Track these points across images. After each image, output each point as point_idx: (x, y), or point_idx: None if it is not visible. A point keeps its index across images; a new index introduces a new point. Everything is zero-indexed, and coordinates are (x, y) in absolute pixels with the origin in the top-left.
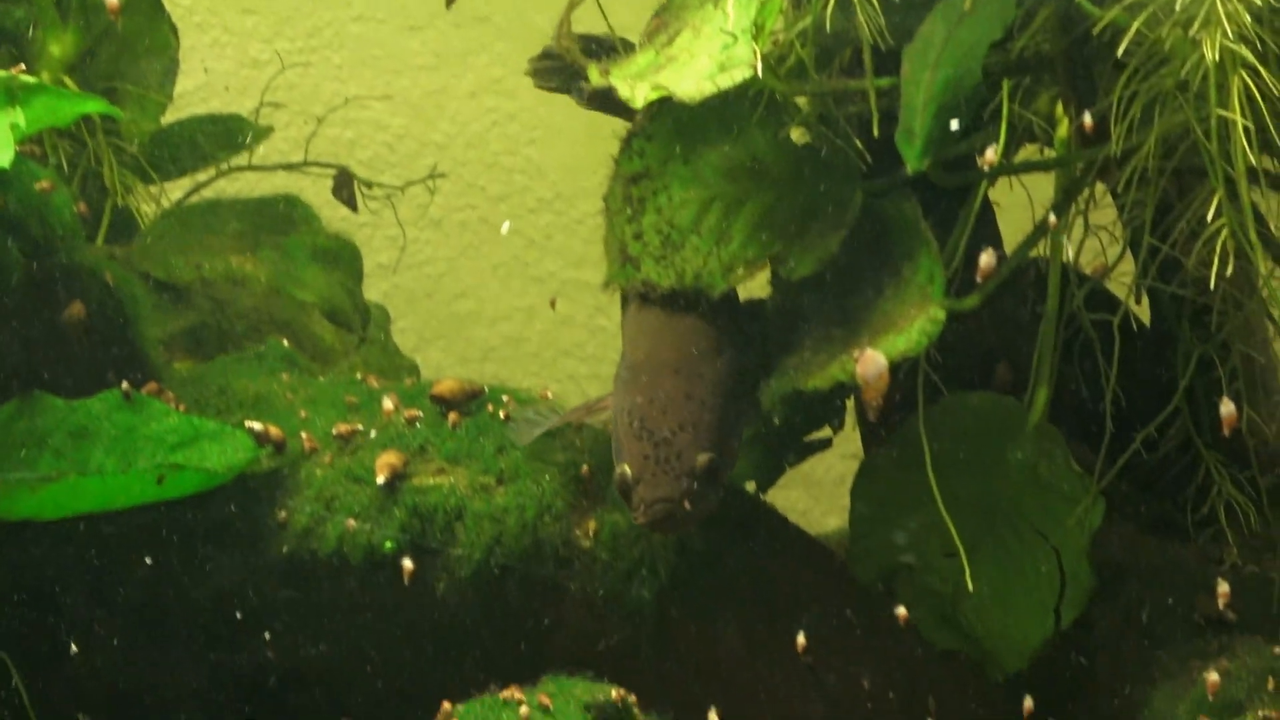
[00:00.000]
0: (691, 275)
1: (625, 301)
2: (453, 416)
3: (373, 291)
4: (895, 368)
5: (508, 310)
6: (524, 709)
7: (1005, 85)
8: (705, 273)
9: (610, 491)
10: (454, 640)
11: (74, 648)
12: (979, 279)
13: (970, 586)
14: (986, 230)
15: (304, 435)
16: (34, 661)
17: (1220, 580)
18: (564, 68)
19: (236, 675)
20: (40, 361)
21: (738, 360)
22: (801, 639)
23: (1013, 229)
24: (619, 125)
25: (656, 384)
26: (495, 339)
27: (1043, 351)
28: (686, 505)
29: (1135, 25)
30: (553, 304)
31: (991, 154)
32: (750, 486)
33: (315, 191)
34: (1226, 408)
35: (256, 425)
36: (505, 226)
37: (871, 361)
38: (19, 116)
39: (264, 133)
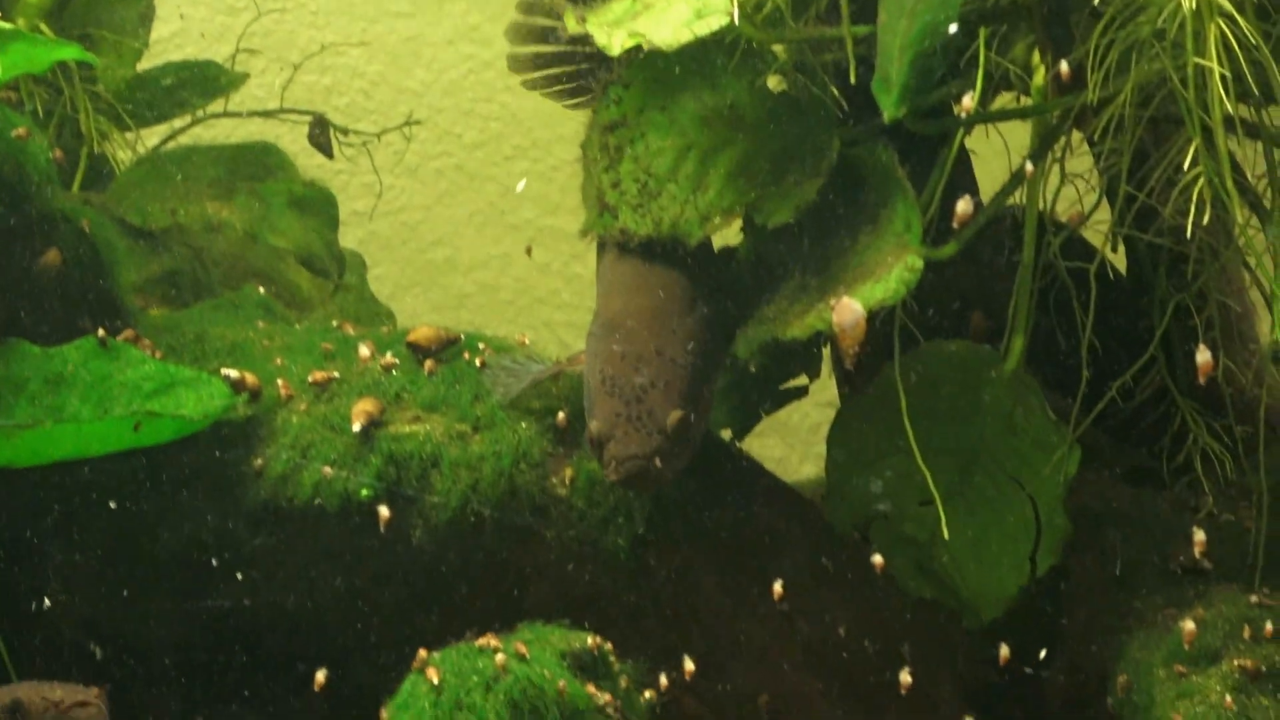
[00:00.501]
0: (668, 224)
1: (601, 251)
2: (429, 364)
3: (349, 238)
4: (872, 316)
5: (484, 257)
6: (500, 656)
7: (982, 33)
8: (682, 221)
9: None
10: (430, 588)
11: (49, 596)
12: (956, 226)
13: (946, 534)
14: (963, 178)
15: (280, 383)
16: (9, 608)
17: (1196, 529)
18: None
19: (212, 622)
20: (15, 308)
21: (711, 314)
22: (778, 587)
23: (989, 177)
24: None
25: (629, 340)
26: (471, 286)
27: (1019, 299)
28: (657, 463)
29: None
30: (528, 251)
31: (968, 101)
32: (726, 435)
33: (291, 138)
34: (1203, 355)
35: (232, 373)
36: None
37: (848, 310)
38: None
39: (240, 79)
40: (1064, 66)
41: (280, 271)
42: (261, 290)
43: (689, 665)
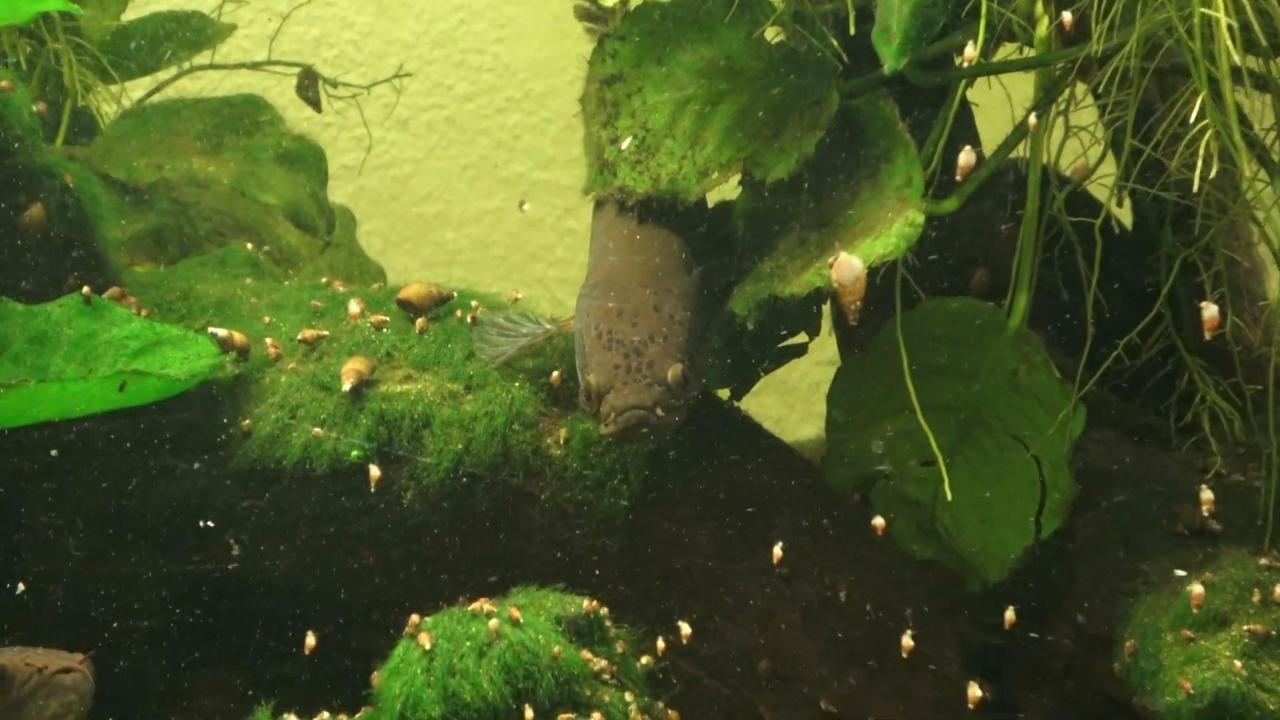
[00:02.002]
0: (666, 180)
1: (597, 208)
2: (420, 322)
3: (338, 194)
4: (873, 272)
5: (476, 213)
6: (494, 621)
7: None
8: (680, 177)
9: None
10: (422, 550)
11: (34, 558)
12: (958, 180)
13: (948, 496)
14: (965, 131)
15: (268, 341)
16: None
17: (1204, 489)
18: None
19: (200, 585)
20: None
21: (708, 271)
22: (777, 550)
23: (992, 130)
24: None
25: (625, 296)
26: (463, 242)
27: (1022, 255)
28: (658, 413)
29: None
30: (521, 206)
31: (970, 52)
32: (724, 394)
33: (279, 91)
34: (1209, 311)
35: (220, 331)
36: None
37: (848, 266)
38: None
39: (226, 30)
40: (1067, 17)
41: (268, 227)
42: (249, 247)
43: (686, 630)
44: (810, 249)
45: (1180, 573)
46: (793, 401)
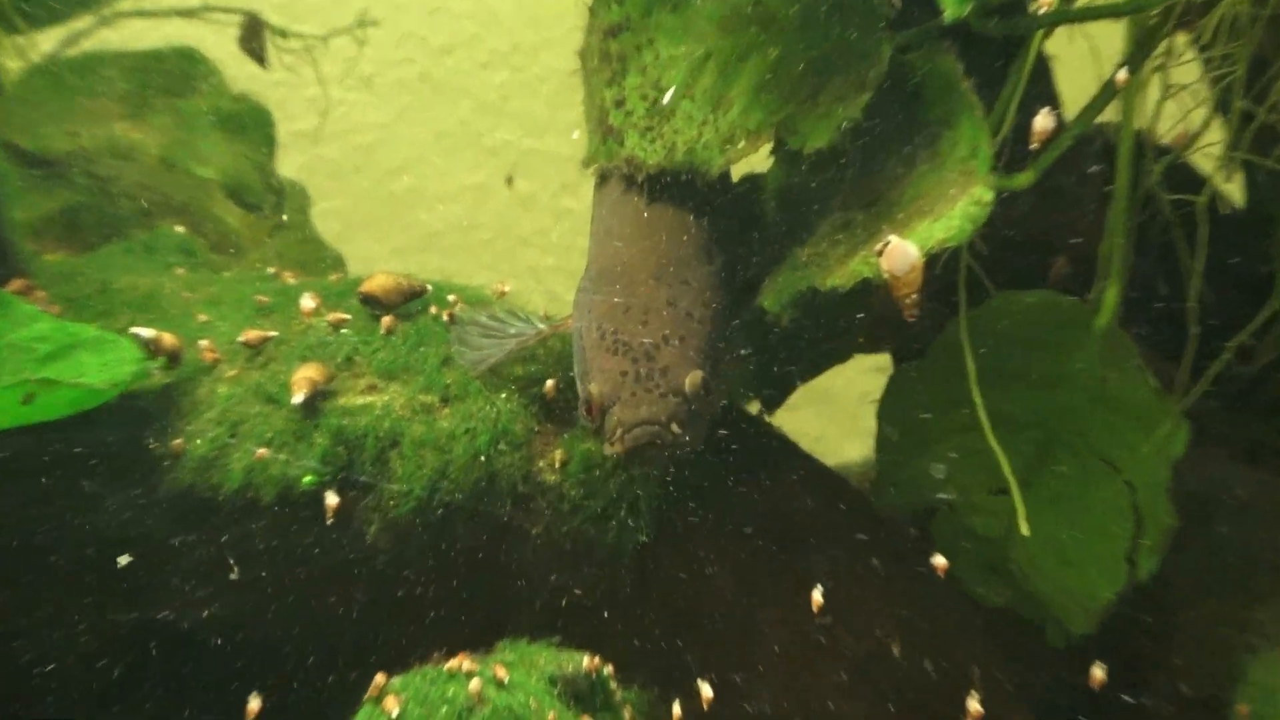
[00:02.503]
0: (683, 149)
1: (601, 183)
2: (387, 321)
3: (288, 166)
4: (931, 260)
5: (455, 189)
6: (475, 682)
7: None
8: (699, 146)
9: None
10: (389, 595)
11: None
12: (1033, 149)
13: (1024, 529)
14: (1042, 90)
15: (204, 344)
16: None
17: None
18: None
19: (123, 637)
20: None
21: (732, 262)
22: (817, 595)
23: (1074, 90)
24: None
25: (633, 289)
26: (439, 224)
27: (1112, 240)
28: (675, 429)
29: None
30: (509, 181)
31: None
32: (753, 407)
33: (218, 44)
34: None
35: (146, 332)
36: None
37: (901, 253)
38: None
39: None
40: None
41: (204, 206)
42: (181, 230)
43: (706, 692)
44: (856, 233)
45: None
46: (836, 416)
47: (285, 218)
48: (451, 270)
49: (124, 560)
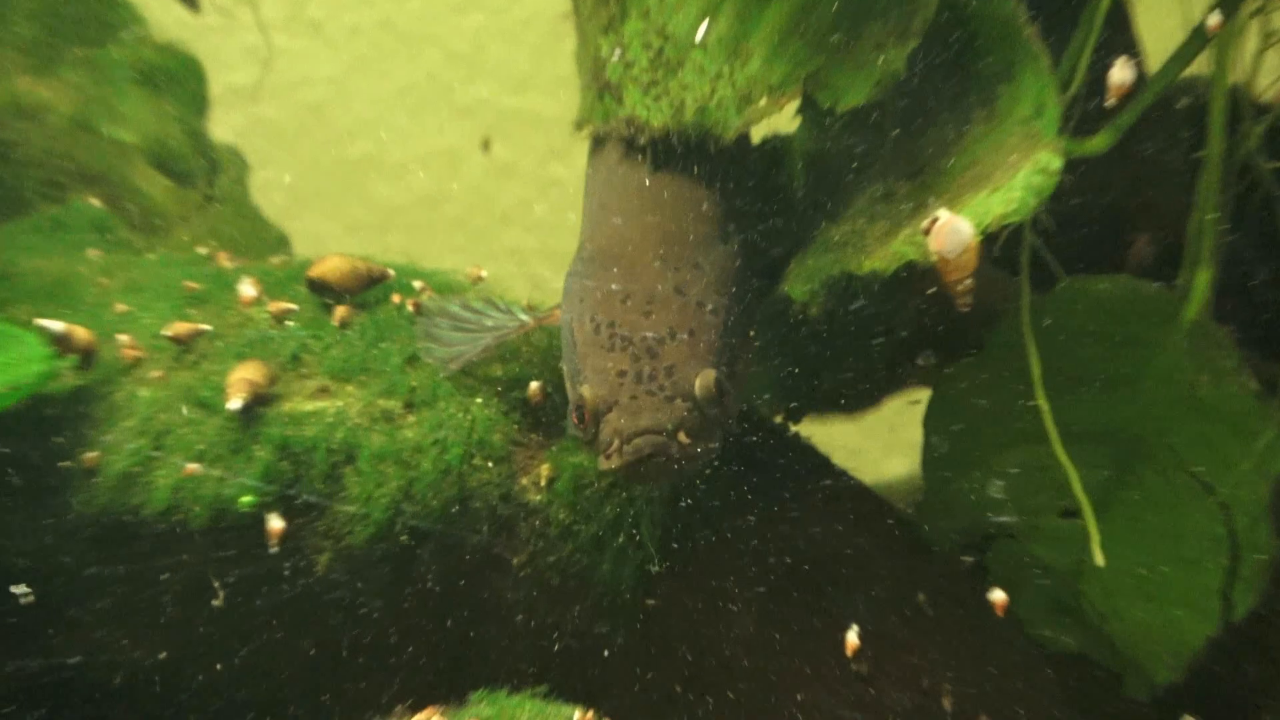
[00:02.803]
0: (693, 108)
1: (596, 149)
2: (340, 311)
3: (223, 128)
4: (988, 240)
5: (421, 154)
6: None
7: None
8: (713, 105)
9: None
10: (345, 637)
11: None
12: (1109, 107)
13: (1098, 559)
14: (1119, 38)
15: (123, 339)
16: None
17: None
18: None
19: (29, 685)
20: None
21: (752, 243)
22: (852, 637)
23: (1158, 39)
24: None
25: (634, 274)
26: (403, 197)
27: (1202, 215)
28: (682, 439)
29: None
30: (486, 146)
31: None
32: (776, 416)
33: None
34: None
35: (54, 324)
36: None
37: (953, 232)
38: None
39: None
40: None
41: (124, 176)
42: (96, 203)
43: None
44: (899, 207)
45: None
46: (874, 425)
47: (219, 189)
48: (417, 252)
49: (23, 594)
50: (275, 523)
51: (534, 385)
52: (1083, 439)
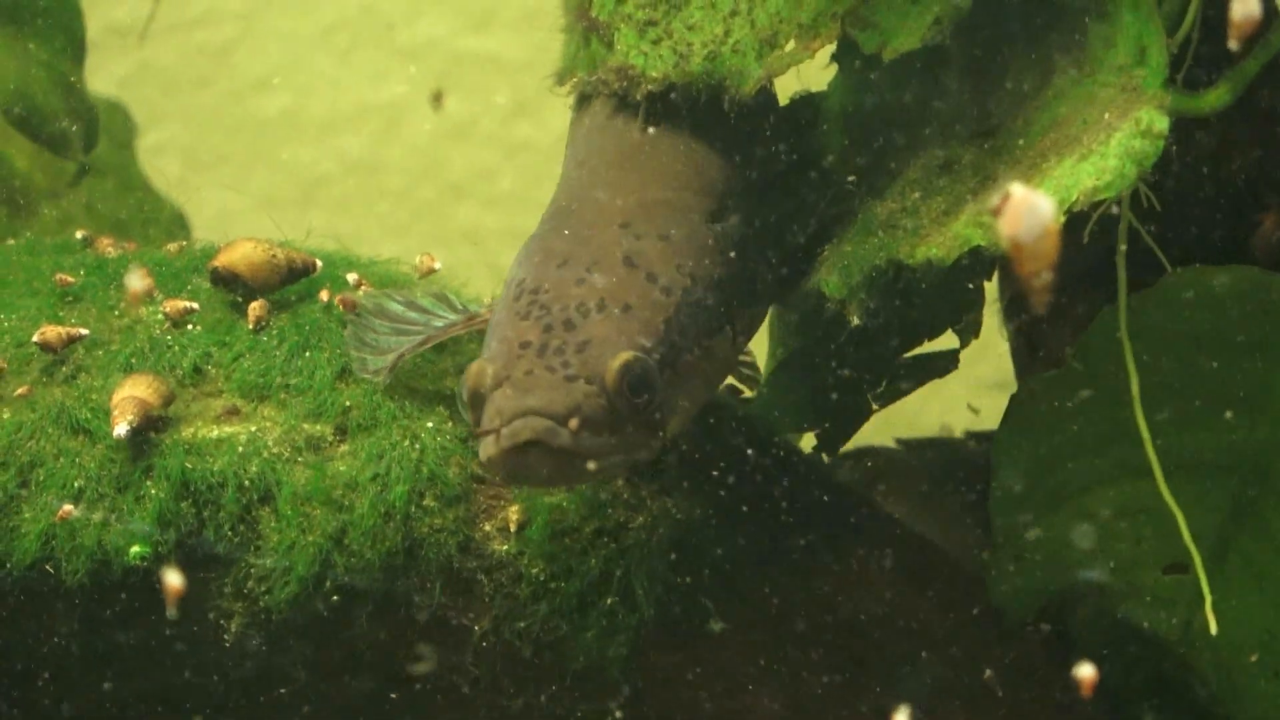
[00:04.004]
0: (702, 54)
1: (581, 106)
2: (255, 310)
3: (104, 77)
4: (1076, 219)
5: (352, 110)
6: None
7: None
8: (726, 50)
9: None
10: None
11: None
12: (1231, 51)
13: (1212, 625)
14: None
15: None
16: None
17: None
18: None
19: None
20: None
21: (758, 222)
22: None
23: None
24: None
25: (584, 236)
26: (331, 164)
27: None
28: (576, 430)
29: None
30: (437, 99)
31: None
32: (805, 442)
33: None
34: None
35: None
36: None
37: (1029, 210)
38: None
39: None
40: None
41: None
42: None
43: None
44: (962, 178)
45: None
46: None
47: (98, 157)
48: (348, 234)
49: None
50: (173, 580)
51: None
52: (1194, 472)
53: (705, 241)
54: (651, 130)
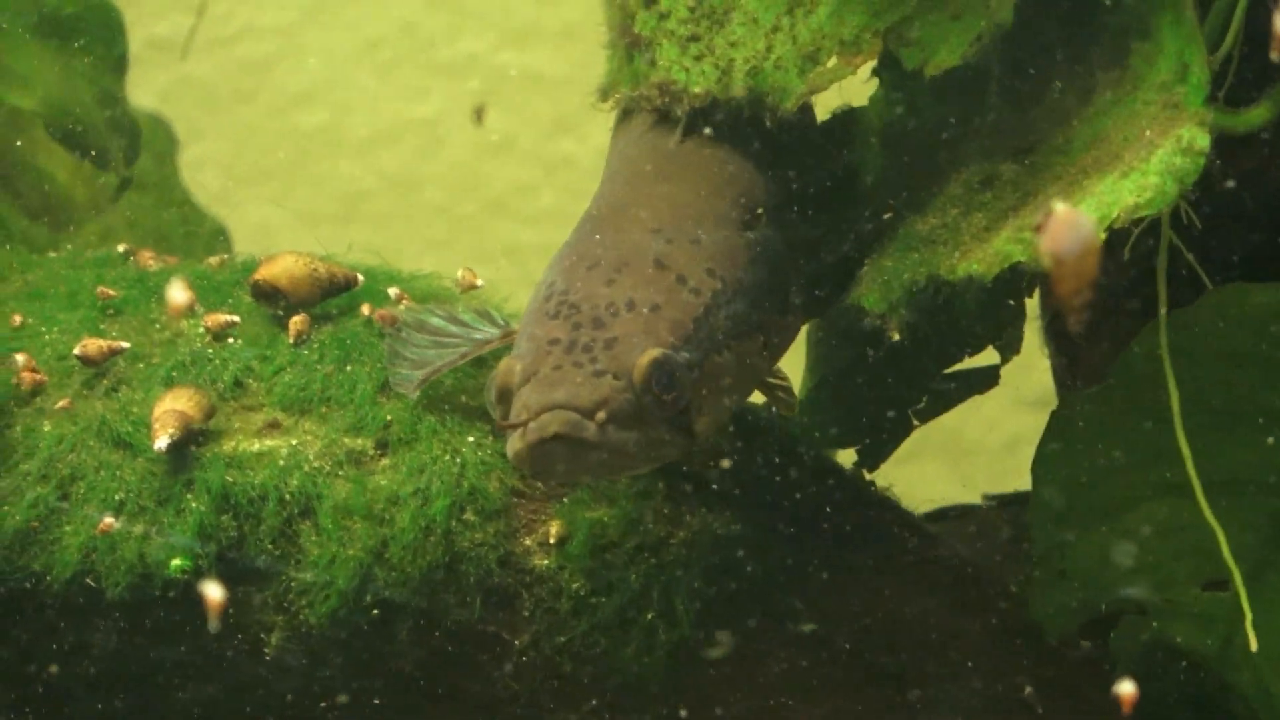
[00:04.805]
0: (744, 70)
1: (621, 125)
2: (296, 324)
3: (146, 91)
4: (1117, 236)
5: (396, 124)
6: None
7: None
8: (769, 65)
9: None
10: None
11: None
12: (1275, 55)
13: (1252, 644)
14: None
15: (19, 359)
16: None
17: None
18: None
19: None
20: None
21: (790, 235)
22: None
23: None
24: None
25: (616, 241)
26: (371, 179)
27: None
28: (602, 425)
29: None
30: (479, 115)
31: None
32: (847, 457)
33: None
34: None
35: None
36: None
37: (1071, 227)
38: None
39: None
40: None
41: (20, 153)
42: None
43: None
44: (1003, 194)
45: None
46: (969, 472)
47: (139, 170)
48: (388, 249)
49: None
50: (213, 593)
51: None
52: (1234, 490)
53: (737, 247)
54: (686, 142)
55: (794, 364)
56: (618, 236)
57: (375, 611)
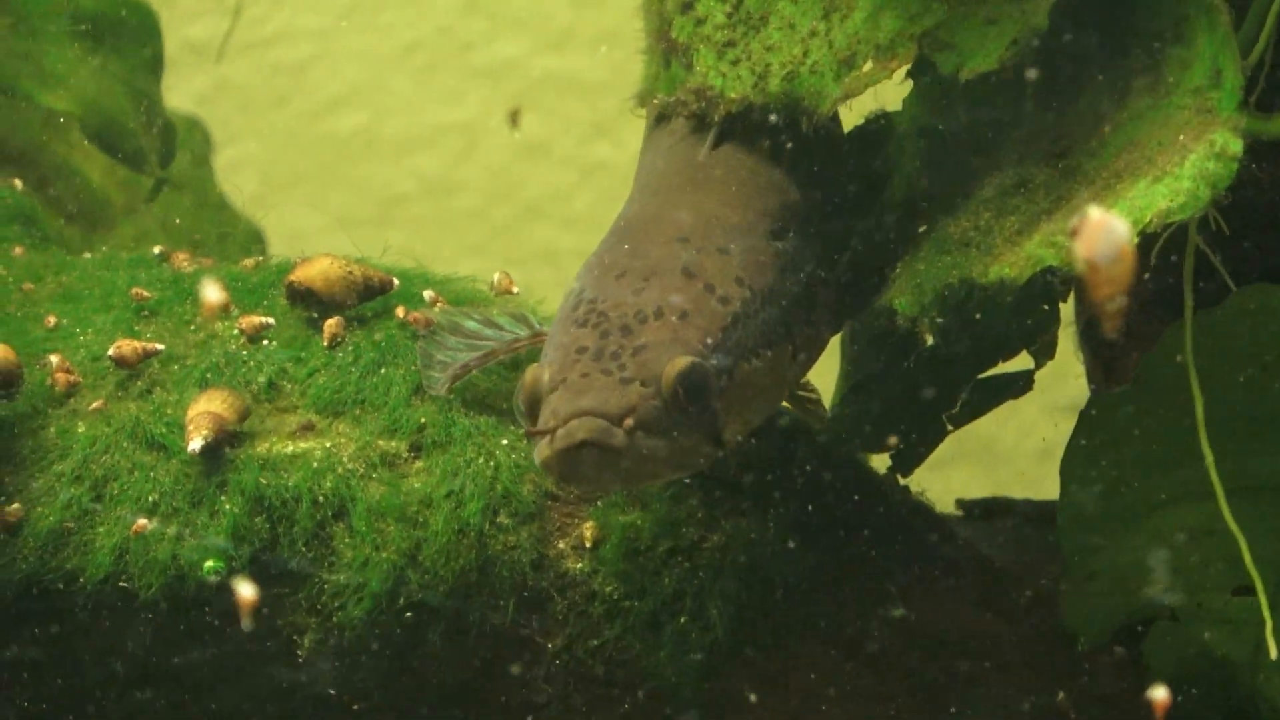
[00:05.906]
0: (780, 75)
1: (656, 129)
2: (330, 327)
3: (182, 93)
4: (1149, 240)
5: (432, 128)
6: None
7: None
8: (805, 70)
9: None
10: None
11: None
12: None
13: (1273, 650)
14: None
15: (53, 360)
16: None
17: None
18: None
19: None
20: None
21: (822, 241)
22: None
23: None
24: None
25: (645, 249)
26: (408, 182)
27: None
28: (630, 431)
29: None
30: (514, 119)
31: None
32: (880, 462)
33: None
34: None
35: None
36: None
37: (1105, 231)
38: None
39: None
40: None
41: (55, 154)
42: (19, 185)
43: None
44: (1036, 198)
45: None
46: (1002, 477)
47: (176, 172)
48: (424, 252)
49: None
50: (246, 594)
51: None
52: (1260, 494)
53: (765, 257)
54: (715, 152)
55: (825, 376)
56: (647, 245)
57: (408, 614)
